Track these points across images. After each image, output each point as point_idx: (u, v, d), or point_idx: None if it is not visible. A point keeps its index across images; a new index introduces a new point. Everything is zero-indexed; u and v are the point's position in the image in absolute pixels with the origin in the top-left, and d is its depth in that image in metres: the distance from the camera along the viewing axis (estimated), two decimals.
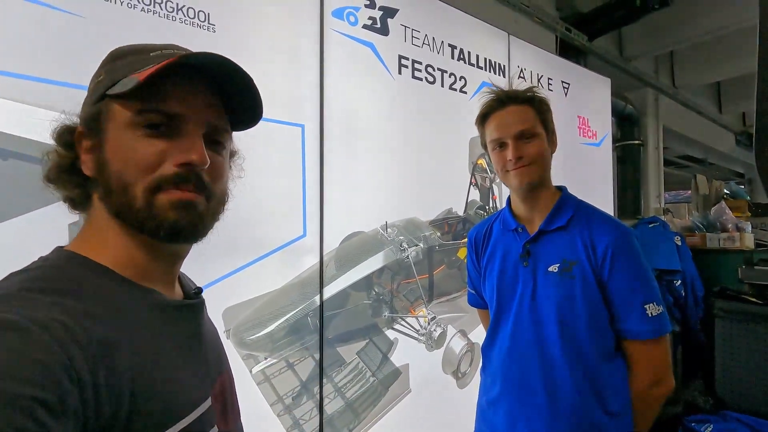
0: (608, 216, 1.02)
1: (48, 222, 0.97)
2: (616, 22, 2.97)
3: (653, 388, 0.94)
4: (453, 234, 1.87)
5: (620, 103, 3.50)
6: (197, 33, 1.19)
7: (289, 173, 1.38)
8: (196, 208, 0.46)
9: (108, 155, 0.45)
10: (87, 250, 0.46)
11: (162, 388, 0.43)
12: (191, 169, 0.45)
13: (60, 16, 0.98)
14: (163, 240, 0.46)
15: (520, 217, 1.04)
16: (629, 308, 0.92)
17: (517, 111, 0.97)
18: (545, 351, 0.95)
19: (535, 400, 0.96)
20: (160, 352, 0.44)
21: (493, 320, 1.06)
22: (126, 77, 0.45)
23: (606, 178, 2.82)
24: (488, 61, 2.05)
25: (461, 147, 1.92)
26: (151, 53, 0.48)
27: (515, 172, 0.96)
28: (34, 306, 0.37)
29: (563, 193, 1.03)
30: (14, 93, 0.93)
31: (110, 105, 0.46)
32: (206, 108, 0.48)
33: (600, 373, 0.93)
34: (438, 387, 1.77)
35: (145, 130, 0.45)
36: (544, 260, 0.98)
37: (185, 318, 0.51)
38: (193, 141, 0.46)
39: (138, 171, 0.44)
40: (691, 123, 4.64)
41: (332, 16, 1.49)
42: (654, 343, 0.92)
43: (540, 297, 0.97)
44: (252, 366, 1.28)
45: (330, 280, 1.46)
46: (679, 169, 6.45)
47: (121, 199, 0.45)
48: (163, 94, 0.45)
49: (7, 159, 0.93)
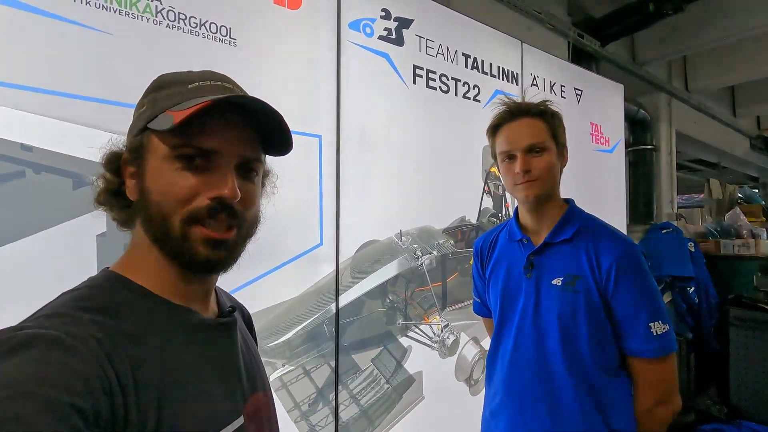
0: (615, 231, 1.00)
1: (78, 232, 1.00)
2: (630, 27, 2.96)
3: (658, 408, 0.92)
4: (466, 242, 1.89)
5: (633, 107, 3.48)
6: (219, 47, 1.22)
7: (307, 183, 1.40)
8: (226, 244, 0.49)
9: (148, 185, 0.48)
10: (129, 271, 0.49)
11: (190, 405, 0.44)
12: (223, 202, 0.47)
13: (91, 34, 1.02)
14: (195, 272, 0.50)
15: (527, 229, 1.04)
16: (634, 326, 0.91)
17: (528, 124, 0.96)
18: (547, 364, 0.95)
19: (536, 413, 0.95)
20: (192, 370, 0.46)
21: (497, 330, 1.06)
22: (163, 112, 0.48)
23: (618, 184, 2.81)
24: (501, 69, 2.06)
25: (474, 155, 1.93)
26: (189, 85, 0.50)
27: (522, 185, 0.96)
28: (76, 323, 0.40)
29: (570, 206, 1.03)
30: (46, 109, 0.97)
31: (150, 137, 0.48)
32: (239, 140, 0.50)
33: (603, 389, 0.92)
34: (451, 394, 1.78)
35: (181, 163, 0.47)
36: (548, 273, 0.98)
37: (219, 336, 0.52)
38: (225, 175, 0.48)
39: (175, 203, 0.46)
40: (704, 127, 4.59)
41: (349, 28, 1.52)
42: (660, 361, 0.91)
43: (542, 309, 0.97)
44: (270, 373, 1.30)
45: (345, 288, 1.48)
46: (692, 173, 6.38)
47: (161, 228, 0.47)
48: (198, 130, 0.47)
49: (39, 173, 0.97)
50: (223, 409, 0.48)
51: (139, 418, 0.39)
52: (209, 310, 0.54)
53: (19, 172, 0.95)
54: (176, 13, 1.15)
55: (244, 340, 0.58)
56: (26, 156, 0.95)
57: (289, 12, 1.38)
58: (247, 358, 0.56)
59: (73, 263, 1.00)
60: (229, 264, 0.51)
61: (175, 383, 0.44)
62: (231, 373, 0.52)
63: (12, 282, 0.92)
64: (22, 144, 0.95)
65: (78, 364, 0.37)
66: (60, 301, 0.44)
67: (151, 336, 0.44)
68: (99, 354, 0.38)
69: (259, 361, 0.61)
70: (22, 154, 0.95)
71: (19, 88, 0.94)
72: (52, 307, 0.43)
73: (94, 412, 0.35)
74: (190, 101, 0.47)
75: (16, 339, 0.36)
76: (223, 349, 0.52)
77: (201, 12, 1.19)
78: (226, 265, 0.50)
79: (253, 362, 0.58)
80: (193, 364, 0.47)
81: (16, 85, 0.94)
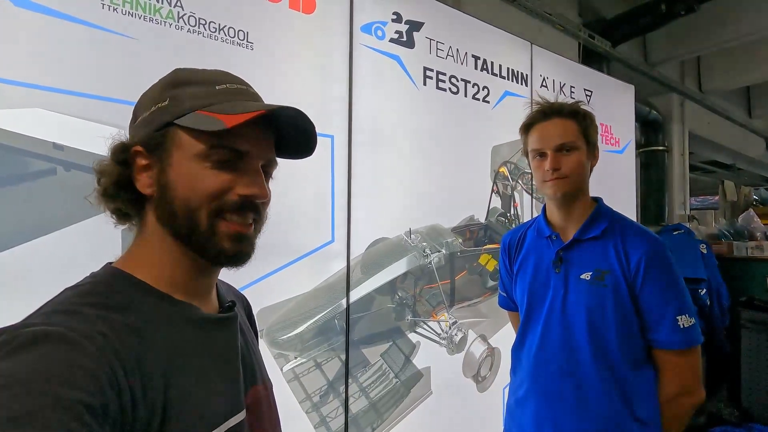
0: (643, 228, 1.04)
1: (104, 227, 1.06)
2: (641, 28, 2.95)
3: (682, 398, 0.95)
4: (475, 240, 1.92)
5: (644, 108, 3.46)
6: (237, 51, 1.27)
7: (319, 182, 1.45)
8: (249, 239, 0.51)
9: (173, 181, 0.48)
10: (132, 267, 0.49)
11: (194, 398, 0.45)
12: (253, 200, 0.50)
13: (118, 40, 1.08)
14: (221, 266, 0.52)
15: (555, 225, 1.07)
16: (661, 319, 0.94)
17: (559, 124, 0.99)
18: (574, 355, 0.98)
19: (562, 403, 0.99)
20: (194, 364, 0.47)
21: (523, 323, 1.10)
22: (193, 111, 0.48)
23: (629, 185, 2.81)
24: (511, 70, 2.08)
25: (483, 155, 1.96)
26: (217, 86, 0.50)
27: (551, 182, 0.99)
28: (82, 319, 0.41)
29: (599, 205, 1.06)
30: (77, 110, 1.03)
31: (178, 133, 0.48)
32: (266, 144, 0.53)
33: (629, 380, 0.95)
34: (458, 390, 1.81)
35: (215, 162, 0.48)
36: (577, 268, 1.01)
37: (220, 331, 0.53)
38: (257, 176, 0.50)
39: (204, 198, 0.48)
40: (718, 128, 4.53)
41: (361, 31, 1.56)
42: (686, 353, 0.94)
43: (570, 303, 1.00)
44: (283, 365, 1.35)
45: (356, 284, 1.52)
46: (706, 175, 6.29)
47: (187, 223, 0.48)
48: (235, 133, 0.48)
49: (69, 170, 1.03)
50: (225, 402, 0.49)
51: (147, 412, 0.40)
52: (210, 305, 0.55)
53: (50, 170, 1.01)
54: (197, 19, 1.20)
55: (244, 334, 0.59)
56: (58, 154, 1.01)
57: (304, 16, 1.42)
58: (246, 352, 0.57)
59: (99, 256, 1.05)
60: (250, 257, 0.53)
61: (180, 378, 0.44)
62: (232, 368, 0.52)
63: (42, 274, 0.98)
64: (54, 143, 1.01)
65: (85, 360, 0.37)
66: (64, 296, 0.44)
67: (155, 331, 0.45)
68: (106, 350, 0.39)
69: (259, 355, 0.62)
70: (54, 153, 1.01)
71: (52, 91, 1.00)
72: (57, 303, 0.43)
73: (102, 408, 0.36)
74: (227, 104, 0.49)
75: (23, 336, 0.37)
76: (223, 344, 0.53)
77: (220, 17, 1.24)
78: (248, 259, 0.52)
79: (252, 356, 0.59)
80: (196, 359, 0.48)
81: (49, 88, 1.00)
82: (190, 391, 0.45)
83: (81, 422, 0.34)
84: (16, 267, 0.96)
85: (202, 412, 0.45)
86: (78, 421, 0.34)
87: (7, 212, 0.96)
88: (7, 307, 0.92)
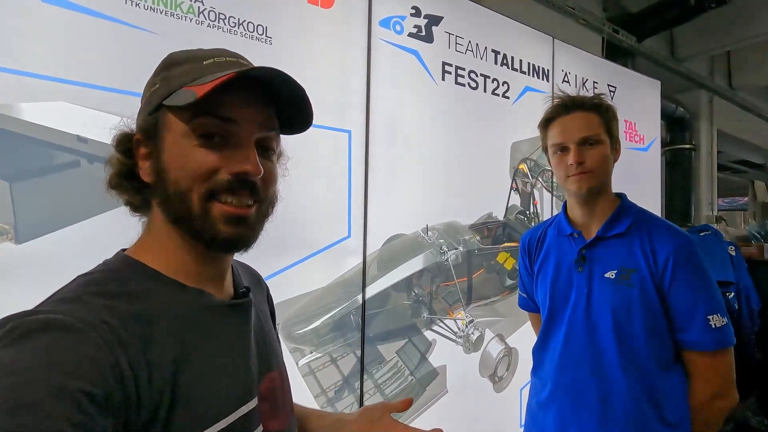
0: (670, 224, 0.99)
1: (125, 218, 1.08)
2: (668, 22, 2.86)
3: (715, 401, 0.91)
4: (492, 238, 1.89)
5: (671, 105, 3.35)
6: (256, 45, 1.28)
7: (336, 177, 1.44)
8: (247, 221, 0.48)
9: (165, 164, 0.47)
10: (143, 254, 0.48)
11: (204, 386, 0.44)
12: (246, 178, 0.47)
13: (140, 34, 1.09)
14: (218, 251, 0.49)
15: (576, 223, 1.04)
16: (691, 318, 0.90)
17: (582, 117, 0.96)
18: (599, 357, 0.95)
19: (587, 405, 0.96)
20: (205, 351, 0.46)
21: (545, 324, 1.07)
22: (181, 88, 0.47)
23: (653, 184, 2.72)
24: (532, 65, 2.04)
25: (503, 151, 1.93)
26: (204, 62, 0.49)
27: (575, 177, 0.95)
28: (87, 308, 0.40)
29: (623, 201, 1.02)
30: (100, 104, 1.05)
31: (166, 115, 0.47)
32: (259, 116, 0.49)
33: (657, 382, 0.92)
34: (474, 390, 1.78)
35: (201, 140, 0.46)
36: (601, 266, 0.97)
37: (233, 318, 0.52)
38: (248, 151, 0.47)
39: (194, 179, 0.46)
40: (749, 126, 4.37)
41: (380, 25, 1.55)
42: (718, 354, 0.90)
43: (595, 303, 0.97)
44: (299, 359, 1.36)
45: (372, 280, 1.51)
46: (736, 175, 6.07)
47: (180, 206, 0.46)
48: (217, 104, 0.46)
49: (93, 163, 1.05)
50: (237, 390, 0.48)
51: (153, 400, 0.40)
52: (224, 291, 0.53)
53: (74, 162, 1.04)
54: (216, 13, 1.21)
55: (260, 320, 0.57)
56: (82, 147, 1.03)
57: (322, 11, 1.42)
58: (261, 338, 0.56)
59: (121, 246, 1.08)
60: (250, 242, 0.50)
61: (189, 365, 0.44)
62: (245, 354, 0.51)
63: (67, 263, 1.00)
64: (78, 136, 1.03)
65: (89, 350, 0.37)
66: (75, 284, 0.44)
67: (164, 318, 0.44)
68: (110, 339, 0.39)
69: (275, 341, 0.60)
70: (78, 146, 1.03)
71: (76, 85, 1.03)
72: (67, 291, 0.43)
73: (105, 398, 0.36)
74: (210, 76, 0.46)
75: (28, 324, 0.37)
76: (236, 331, 0.52)
77: (239, 12, 1.25)
78: (247, 243, 0.50)
79: (267, 342, 0.57)
80: (207, 346, 0.47)
81: (74, 82, 1.02)
82: (200, 379, 0.44)
83: (82, 411, 0.34)
84: (42, 256, 0.99)
85: (213, 400, 0.45)
86: (79, 410, 0.34)
87: (33, 203, 0.99)
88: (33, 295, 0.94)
